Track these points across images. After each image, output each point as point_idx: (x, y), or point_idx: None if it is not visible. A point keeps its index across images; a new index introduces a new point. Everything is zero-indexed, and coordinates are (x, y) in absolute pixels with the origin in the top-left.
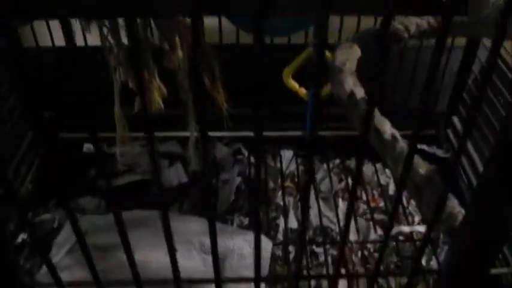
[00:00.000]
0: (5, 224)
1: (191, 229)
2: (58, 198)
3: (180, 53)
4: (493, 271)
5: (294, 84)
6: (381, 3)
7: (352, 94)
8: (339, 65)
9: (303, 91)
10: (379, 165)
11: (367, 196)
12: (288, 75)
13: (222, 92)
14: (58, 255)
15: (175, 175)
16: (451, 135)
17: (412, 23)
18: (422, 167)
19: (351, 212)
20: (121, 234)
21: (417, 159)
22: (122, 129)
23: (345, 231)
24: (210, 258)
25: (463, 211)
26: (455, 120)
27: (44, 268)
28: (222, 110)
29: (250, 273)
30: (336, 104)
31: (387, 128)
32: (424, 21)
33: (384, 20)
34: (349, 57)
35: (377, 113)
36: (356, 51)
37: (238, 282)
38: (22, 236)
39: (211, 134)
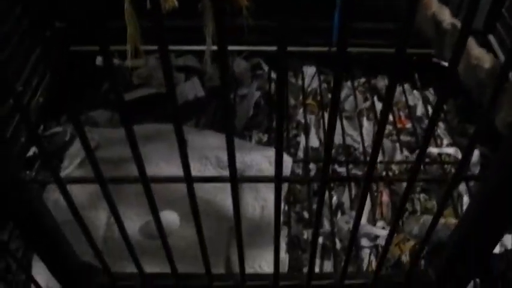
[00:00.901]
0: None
1: (208, 144)
2: (67, 112)
3: None
4: None
5: None
6: None
7: None
8: None
9: None
10: (407, 86)
11: (394, 117)
12: None
13: None
14: (70, 167)
15: (191, 89)
16: None
17: None
18: (487, 61)
19: (381, 134)
20: (133, 151)
21: (482, 53)
22: (134, 30)
23: (373, 155)
24: (225, 172)
25: None
26: (492, 39)
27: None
28: (241, 10)
29: (268, 189)
30: (365, 18)
31: (446, 17)
32: None
33: None
34: None
35: (435, 0)
36: None
37: (255, 182)
38: (33, 150)
39: (229, 48)
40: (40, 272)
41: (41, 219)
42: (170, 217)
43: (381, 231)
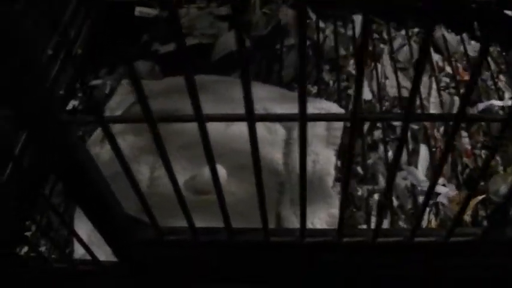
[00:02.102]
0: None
1: (254, 95)
2: (117, 58)
3: None
4: None
5: None
6: None
7: None
8: None
9: None
10: (465, 35)
11: (452, 68)
12: None
13: None
14: None
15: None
16: None
17: None
18: None
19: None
20: (192, 98)
21: None
22: None
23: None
24: (275, 126)
25: None
26: None
27: (96, 133)
28: None
29: (320, 142)
30: None
31: None
32: None
33: None
34: None
35: None
36: None
37: (327, 120)
38: (73, 103)
39: None
40: (82, 227)
41: (86, 170)
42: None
43: (442, 188)
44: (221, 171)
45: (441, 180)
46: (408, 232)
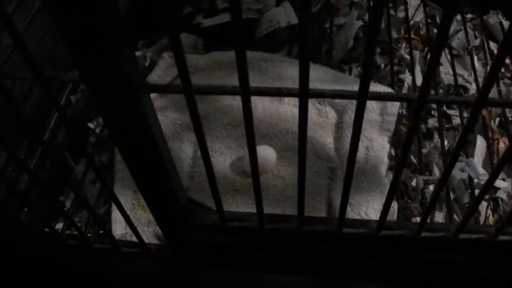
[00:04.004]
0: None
1: None
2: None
3: None
4: None
5: None
6: None
7: None
8: None
9: None
10: None
11: (510, 58)
12: None
13: None
14: (151, 94)
15: (282, 15)
16: None
17: None
18: None
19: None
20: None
21: None
22: None
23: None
24: (325, 108)
25: None
26: None
27: None
28: None
29: (373, 128)
30: None
31: None
32: None
33: None
34: None
35: None
36: None
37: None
38: None
39: None
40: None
41: (156, 142)
42: (267, 152)
43: (501, 182)
44: (271, 153)
45: (500, 174)
46: (493, 228)
